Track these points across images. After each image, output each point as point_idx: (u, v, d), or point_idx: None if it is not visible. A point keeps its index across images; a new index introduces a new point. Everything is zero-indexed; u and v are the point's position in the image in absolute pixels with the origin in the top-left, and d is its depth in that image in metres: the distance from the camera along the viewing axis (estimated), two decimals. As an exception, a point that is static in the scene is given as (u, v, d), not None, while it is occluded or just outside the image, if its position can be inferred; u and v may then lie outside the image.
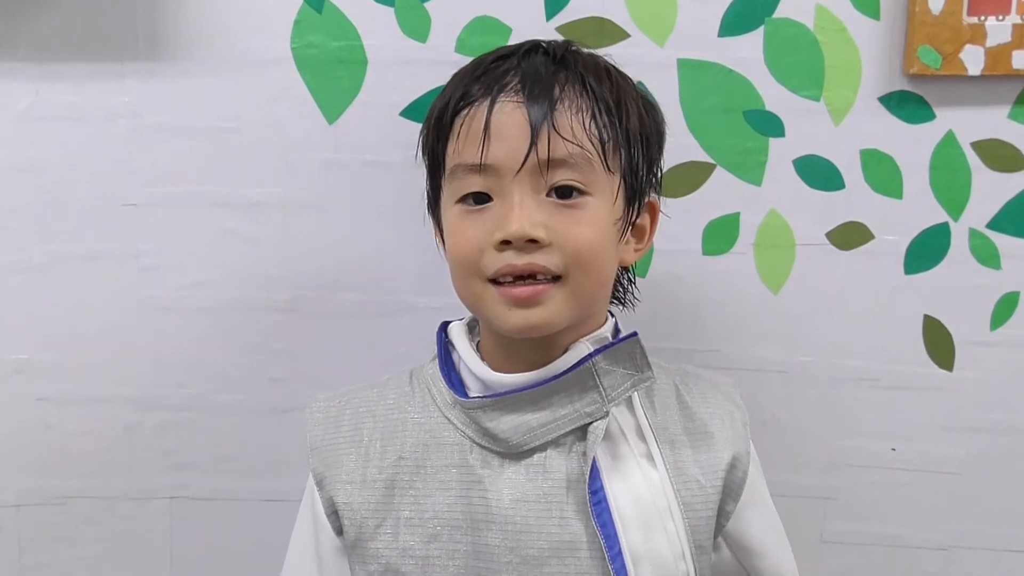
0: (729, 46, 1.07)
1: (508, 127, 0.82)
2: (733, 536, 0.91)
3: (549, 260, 0.82)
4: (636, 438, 0.88)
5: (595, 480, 0.84)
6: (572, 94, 0.84)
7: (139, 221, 1.08)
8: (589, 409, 0.85)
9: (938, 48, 1.06)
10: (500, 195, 0.83)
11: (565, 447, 0.85)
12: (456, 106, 0.85)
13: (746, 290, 1.12)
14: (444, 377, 0.89)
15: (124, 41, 1.05)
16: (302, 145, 1.08)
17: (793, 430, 1.14)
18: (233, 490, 1.14)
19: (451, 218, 0.86)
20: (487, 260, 0.83)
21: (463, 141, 0.84)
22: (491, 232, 0.82)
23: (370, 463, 0.87)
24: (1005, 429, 1.14)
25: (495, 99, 0.83)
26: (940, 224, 1.11)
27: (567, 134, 0.82)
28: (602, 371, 0.85)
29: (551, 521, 0.83)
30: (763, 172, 1.10)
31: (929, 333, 1.13)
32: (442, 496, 0.85)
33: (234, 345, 1.11)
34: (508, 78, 0.84)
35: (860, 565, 1.17)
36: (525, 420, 0.84)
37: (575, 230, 0.82)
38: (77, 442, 1.11)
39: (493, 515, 0.83)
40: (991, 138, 1.09)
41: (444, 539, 0.84)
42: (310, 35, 1.06)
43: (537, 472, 0.84)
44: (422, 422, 0.88)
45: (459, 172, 0.84)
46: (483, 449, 0.85)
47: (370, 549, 0.85)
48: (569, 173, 0.83)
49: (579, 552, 0.83)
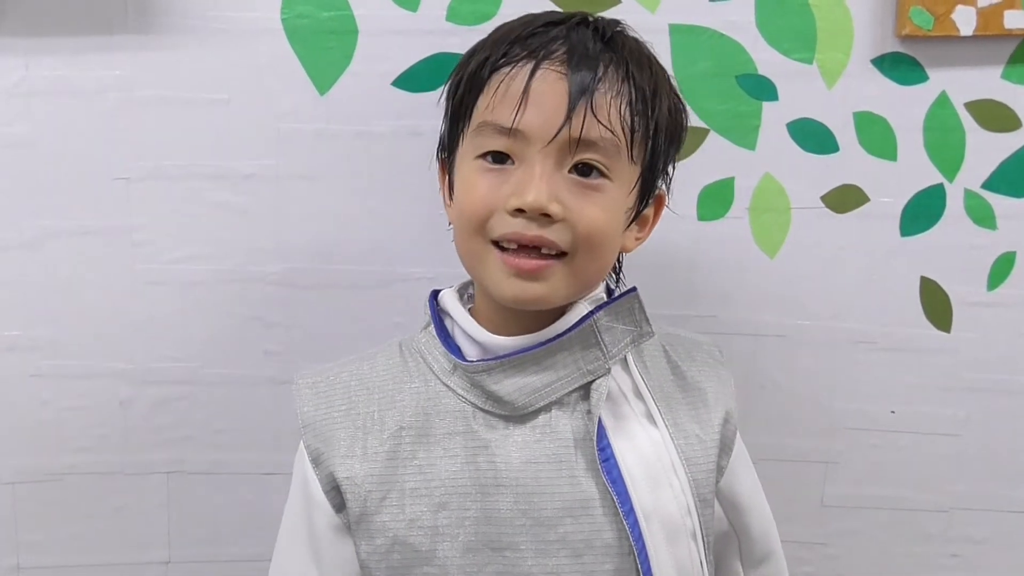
0: (720, 10, 1.07)
1: (547, 95, 0.81)
2: (725, 493, 0.92)
3: (558, 236, 0.82)
4: (635, 398, 0.88)
5: (602, 438, 0.84)
6: (614, 78, 0.83)
7: (131, 195, 1.07)
8: (591, 367, 0.85)
9: (930, 9, 1.06)
10: (523, 161, 0.82)
11: (569, 407, 0.85)
12: (496, 62, 0.84)
13: (742, 255, 1.12)
14: (443, 343, 0.88)
15: (114, 14, 1.04)
16: (293, 116, 1.07)
17: (792, 394, 1.14)
18: (230, 463, 1.13)
19: (466, 171, 0.85)
20: (496, 221, 0.82)
21: (498, 99, 0.82)
22: (506, 196, 0.82)
23: (369, 435, 0.86)
24: (1004, 389, 1.14)
25: (539, 64, 0.82)
26: (935, 185, 1.10)
27: (603, 117, 0.82)
28: (603, 328, 0.85)
29: (562, 481, 0.83)
30: (757, 136, 1.10)
31: (926, 295, 1.12)
32: (448, 464, 0.84)
33: (228, 318, 1.10)
34: (555, 46, 0.83)
35: (861, 528, 1.17)
36: (529, 381, 0.84)
37: (589, 211, 0.82)
38: (72, 418, 1.11)
39: (503, 479, 0.83)
40: (984, 98, 1.09)
41: (453, 507, 0.83)
42: (300, 5, 1.05)
43: (544, 433, 0.84)
44: (420, 391, 0.87)
45: (487, 130, 0.83)
46: (486, 414, 0.85)
47: (376, 523, 0.84)
48: (595, 155, 0.82)
49: (592, 510, 0.83)
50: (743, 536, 0.94)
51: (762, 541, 0.95)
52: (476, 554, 0.83)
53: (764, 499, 0.97)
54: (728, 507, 0.93)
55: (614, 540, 0.83)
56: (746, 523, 0.94)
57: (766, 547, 0.96)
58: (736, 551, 0.95)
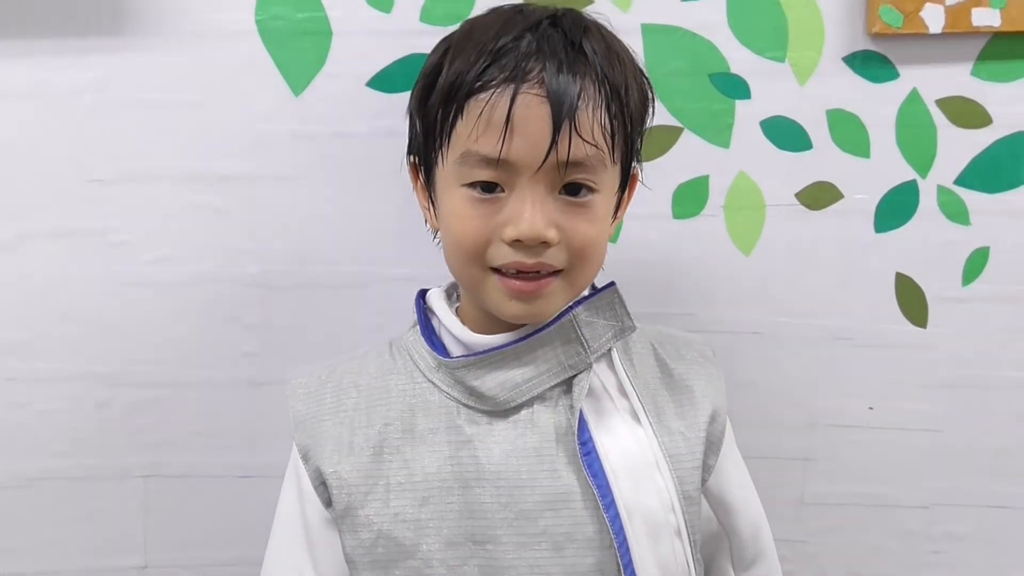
0: (692, 10, 1.08)
1: (530, 122, 0.80)
2: (714, 492, 0.91)
3: (555, 258, 0.83)
4: (619, 395, 0.88)
5: (583, 432, 0.84)
6: (592, 90, 0.82)
7: (106, 197, 1.07)
8: (572, 361, 0.85)
9: (899, 7, 1.07)
10: (513, 189, 0.82)
11: (551, 402, 0.86)
12: (473, 86, 0.82)
13: (718, 253, 1.12)
14: (426, 341, 0.88)
15: (88, 16, 1.05)
16: (268, 117, 1.07)
17: (770, 391, 1.14)
18: (208, 466, 1.12)
19: (456, 200, 0.84)
20: (494, 252, 0.83)
21: (481, 129, 0.81)
22: (500, 224, 0.82)
23: (356, 432, 0.87)
24: (981, 384, 1.14)
25: (518, 89, 0.81)
26: (908, 182, 1.11)
27: (587, 135, 0.81)
28: (583, 323, 0.86)
29: (543, 474, 0.83)
30: (730, 134, 1.10)
31: (902, 291, 1.13)
32: (432, 459, 0.84)
33: (205, 320, 1.10)
34: (529, 64, 0.81)
35: (842, 525, 1.17)
36: (510, 376, 0.85)
37: (582, 228, 0.83)
38: (47, 422, 1.10)
39: (484, 472, 0.83)
40: (955, 95, 1.10)
41: (436, 501, 0.83)
42: (274, 7, 1.06)
43: (526, 427, 0.85)
44: (406, 388, 0.88)
45: (472, 159, 0.82)
46: (470, 409, 0.85)
47: (361, 517, 0.85)
48: (583, 173, 0.82)
49: (573, 503, 0.83)
50: (733, 537, 0.94)
51: (752, 542, 0.94)
52: (459, 548, 0.83)
53: (756, 500, 0.96)
54: (717, 507, 0.92)
55: (595, 534, 0.83)
56: (736, 523, 0.93)
57: (756, 548, 0.95)
58: (727, 552, 0.95)
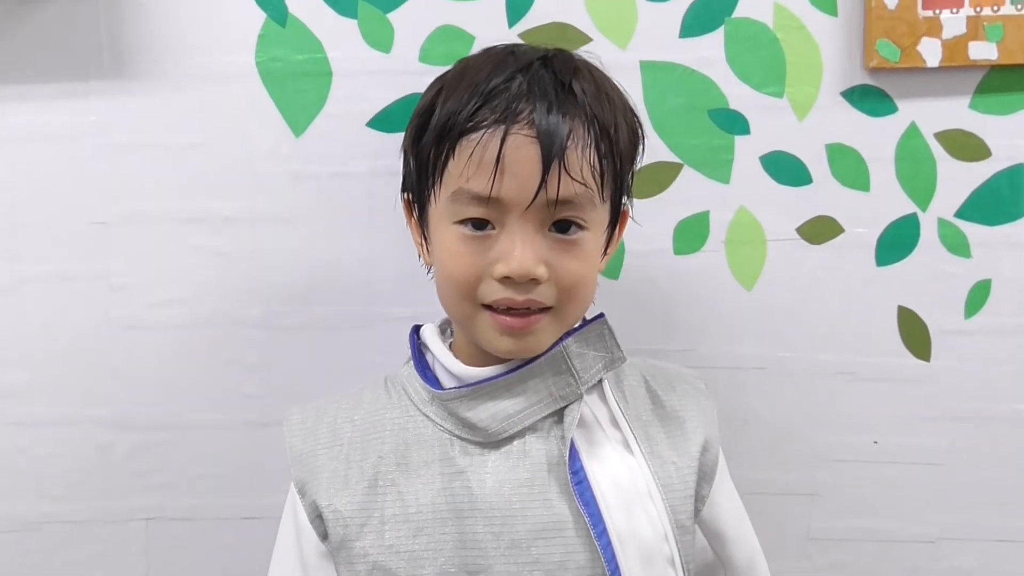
0: (691, 47, 1.09)
1: (520, 162, 0.82)
2: (707, 522, 0.92)
3: (544, 295, 0.84)
4: (611, 426, 0.89)
5: (575, 461, 0.85)
6: (581, 130, 0.83)
7: (108, 239, 1.08)
8: (563, 392, 0.86)
9: (896, 41, 1.07)
10: (503, 227, 0.83)
11: (543, 432, 0.86)
12: (465, 126, 0.84)
13: (719, 288, 1.12)
14: (420, 375, 0.89)
15: (89, 59, 1.05)
16: (269, 158, 1.08)
17: (774, 427, 1.14)
18: (210, 509, 1.12)
19: (448, 237, 0.85)
20: (485, 289, 0.84)
21: (472, 168, 0.83)
22: (491, 261, 0.83)
23: (351, 465, 0.87)
24: (986, 417, 1.13)
25: (508, 130, 0.82)
26: (908, 215, 1.11)
27: (576, 174, 0.83)
28: (573, 354, 0.87)
29: (535, 503, 0.84)
30: (730, 170, 1.10)
31: (904, 324, 1.13)
32: (426, 490, 0.85)
33: (207, 361, 1.10)
34: (520, 105, 0.83)
35: (848, 561, 1.16)
36: (502, 407, 0.86)
37: (571, 266, 0.84)
38: (49, 465, 1.10)
39: (477, 503, 0.84)
40: (954, 128, 1.10)
41: (430, 532, 0.84)
42: (274, 49, 1.07)
43: (518, 458, 0.85)
44: (401, 421, 0.89)
45: (463, 197, 0.84)
46: (463, 441, 0.86)
47: (356, 549, 0.85)
48: (572, 211, 0.84)
49: (565, 532, 0.83)
50: (728, 567, 0.94)
51: (748, 573, 0.95)
52: None
53: (750, 530, 0.96)
54: (712, 537, 0.93)
55: (587, 562, 0.83)
56: (730, 553, 0.93)
57: None
58: None
